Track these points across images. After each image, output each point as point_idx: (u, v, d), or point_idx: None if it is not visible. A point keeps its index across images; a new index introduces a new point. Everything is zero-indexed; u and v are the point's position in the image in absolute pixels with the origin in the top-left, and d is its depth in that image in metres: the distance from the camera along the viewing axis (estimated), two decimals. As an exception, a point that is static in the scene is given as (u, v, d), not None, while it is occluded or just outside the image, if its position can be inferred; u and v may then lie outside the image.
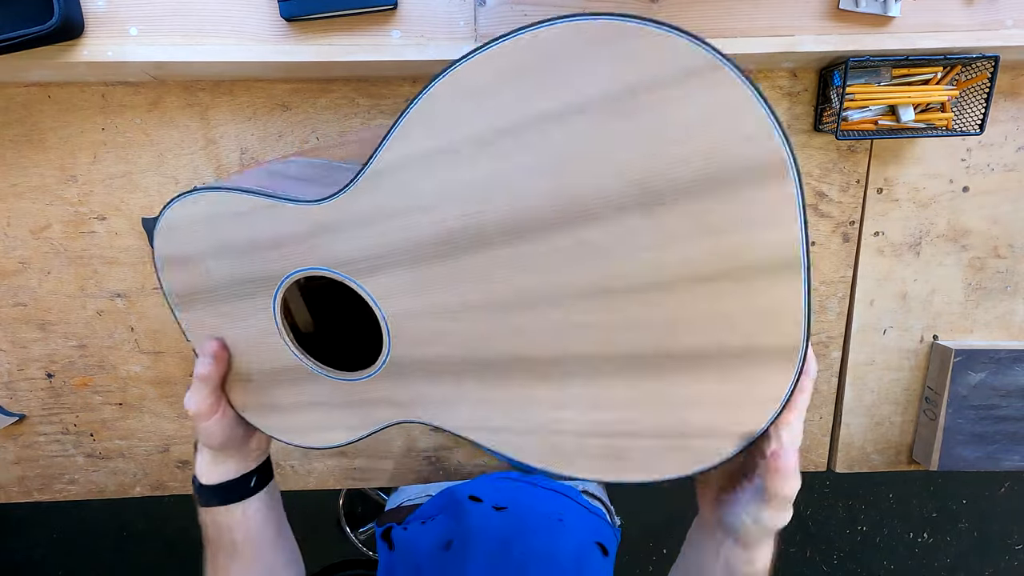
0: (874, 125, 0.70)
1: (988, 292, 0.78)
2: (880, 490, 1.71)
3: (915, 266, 0.77)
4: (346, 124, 0.72)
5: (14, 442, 0.81)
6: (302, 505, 1.64)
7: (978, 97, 0.68)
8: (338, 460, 0.84)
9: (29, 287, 0.75)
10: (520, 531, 0.68)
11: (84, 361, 0.78)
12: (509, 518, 0.70)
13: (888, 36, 0.64)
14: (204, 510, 0.52)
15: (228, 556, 0.51)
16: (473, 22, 0.63)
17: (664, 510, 1.68)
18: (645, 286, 0.31)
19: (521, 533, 0.67)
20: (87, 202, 0.73)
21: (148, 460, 0.83)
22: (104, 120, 0.70)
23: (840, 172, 0.74)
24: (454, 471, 0.85)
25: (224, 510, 0.51)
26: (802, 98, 0.72)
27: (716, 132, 0.28)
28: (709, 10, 0.63)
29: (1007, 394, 0.77)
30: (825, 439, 0.84)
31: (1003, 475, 1.70)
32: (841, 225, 0.76)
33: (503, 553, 0.64)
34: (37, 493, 0.84)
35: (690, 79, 0.27)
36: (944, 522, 1.73)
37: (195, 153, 0.72)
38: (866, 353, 0.80)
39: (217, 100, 0.71)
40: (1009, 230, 0.77)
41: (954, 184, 0.75)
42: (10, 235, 0.73)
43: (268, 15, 0.62)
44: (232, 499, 0.51)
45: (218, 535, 0.51)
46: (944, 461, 0.79)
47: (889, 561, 1.75)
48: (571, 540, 0.68)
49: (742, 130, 0.27)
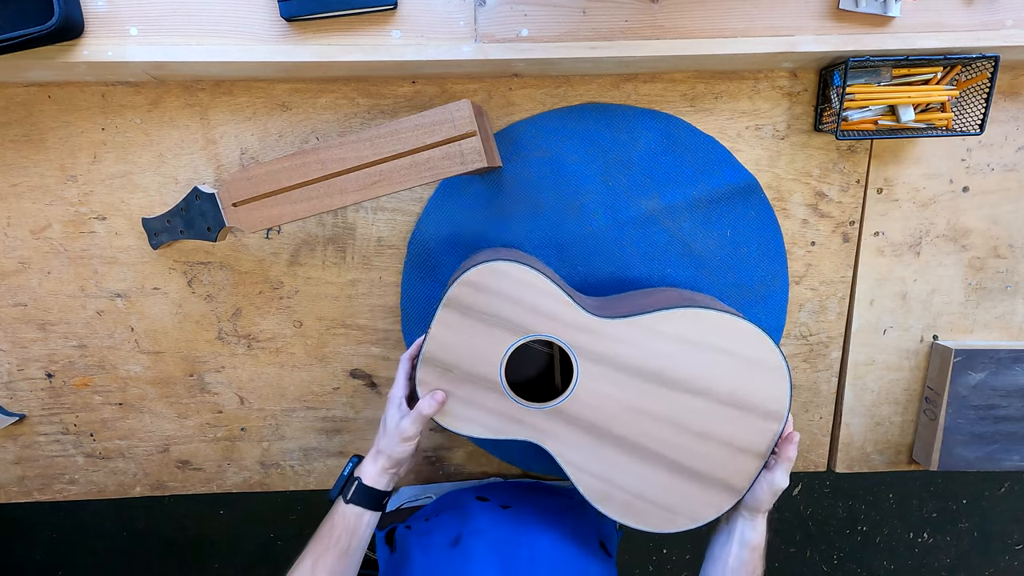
0: (874, 125, 0.70)
1: (988, 292, 0.78)
2: (880, 490, 1.71)
3: (915, 266, 0.77)
4: (346, 124, 0.72)
5: (14, 442, 0.81)
6: (302, 505, 1.64)
7: (978, 97, 0.68)
8: (338, 460, 0.84)
9: (29, 287, 0.75)
10: (527, 529, 0.68)
11: (84, 361, 0.78)
12: (516, 516, 0.71)
13: (888, 36, 0.64)
14: (347, 506, 0.60)
15: (339, 552, 0.59)
16: (473, 22, 0.63)
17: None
18: (704, 432, 0.61)
19: (528, 531, 0.68)
20: (87, 202, 0.73)
21: (148, 460, 0.83)
22: (104, 120, 0.71)
23: (840, 172, 0.74)
24: (454, 472, 0.85)
25: (359, 512, 0.60)
26: (802, 98, 0.72)
27: (768, 393, 0.60)
28: (709, 10, 0.63)
29: (1007, 394, 0.77)
30: (825, 439, 0.84)
31: (1003, 475, 1.70)
32: (841, 225, 0.76)
33: (511, 550, 0.65)
34: (37, 493, 0.84)
35: (768, 369, 0.60)
36: (944, 522, 1.73)
37: (195, 153, 0.72)
38: (866, 353, 0.80)
39: (217, 100, 0.71)
40: (1009, 230, 0.77)
41: (954, 184, 0.75)
42: (10, 235, 0.73)
43: (268, 15, 0.62)
44: (371, 507, 0.61)
45: (343, 531, 0.59)
46: (944, 461, 0.79)
47: (889, 561, 1.75)
48: (576, 540, 0.68)
49: (776, 405, 0.61)
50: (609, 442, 0.62)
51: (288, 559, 0.58)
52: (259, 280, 0.76)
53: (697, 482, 0.61)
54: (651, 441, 0.61)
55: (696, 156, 0.73)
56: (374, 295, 0.77)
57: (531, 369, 0.73)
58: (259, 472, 0.84)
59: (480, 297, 0.60)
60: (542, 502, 0.75)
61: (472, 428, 0.62)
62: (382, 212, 0.75)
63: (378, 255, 0.76)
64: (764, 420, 0.61)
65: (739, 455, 0.61)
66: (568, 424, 0.62)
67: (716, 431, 0.61)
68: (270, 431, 0.82)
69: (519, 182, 0.74)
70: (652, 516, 0.62)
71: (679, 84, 0.72)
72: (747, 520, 0.61)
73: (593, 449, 0.62)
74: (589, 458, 0.62)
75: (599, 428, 0.62)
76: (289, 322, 0.78)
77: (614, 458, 0.62)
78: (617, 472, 0.62)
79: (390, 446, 0.61)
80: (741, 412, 0.61)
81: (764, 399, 0.60)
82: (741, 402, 0.60)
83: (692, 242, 0.75)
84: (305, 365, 0.79)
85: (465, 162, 0.62)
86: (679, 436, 0.61)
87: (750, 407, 0.60)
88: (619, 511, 0.62)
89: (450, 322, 0.61)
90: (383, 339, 0.79)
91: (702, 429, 0.61)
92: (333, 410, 0.82)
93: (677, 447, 0.61)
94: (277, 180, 0.64)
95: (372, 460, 0.62)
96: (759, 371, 0.60)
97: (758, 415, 0.60)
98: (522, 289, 0.60)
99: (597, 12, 0.63)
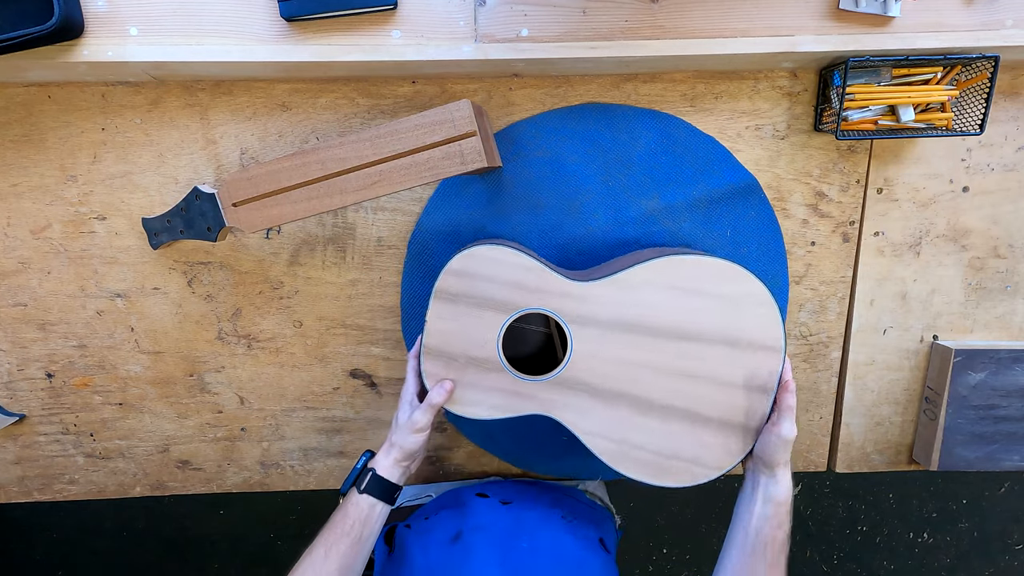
0: (874, 125, 0.70)
1: (988, 292, 0.78)
2: (880, 490, 1.71)
3: (915, 266, 0.77)
4: (346, 124, 0.72)
5: (14, 442, 0.81)
6: (302, 505, 1.64)
7: (978, 97, 0.68)
8: (338, 460, 0.84)
9: (29, 287, 0.75)
10: (526, 524, 0.69)
11: (84, 361, 0.78)
12: (515, 511, 0.71)
13: (888, 36, 0.64)
14: (361, 496, 0.62)
15: (352, 541, 0.60)
16: (473, 22, 0.63)
17: (664, 511, 1.69)
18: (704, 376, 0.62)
19: (527, 526, 0.68)
20: (87, 202, 0.73)
21: (148, 460, 0.83)
22: (104, 120, 0.71)
23: (840, 172, 0.74)
24: (454, 471, 0.85)
25: (372, 503, 0.62)
26: (802, 98, 0.72)
27: (758, 325, 0.61)
28: (709, 10, 0.63)
29: (1007, 394, 0.77)
30: (825, 439, 0.84)
31: (1003, 475, 1.70)
32: (841, 225, 0.76)
33: (511, 544, 0.65)
34: (37, 493, 0.84)
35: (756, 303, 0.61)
36: (944, 522, 1.73)
37: (195, 153, 0.72)
38: (866, 353, 0.80)
39: (217, 100, 0.71)
40: (1009, 230, 0.77)
41: (954, 184, 0.75)
42: (10, 235, 0.73)
43: (268, 15, 0.62)
44: (383, 498, 0.63)
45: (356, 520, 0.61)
46: (944, 461, 0.79)
47: (889, 561, 1.75)
48: (576, 535, 0.69)
49: (771, 338, 0.62)
50: (616, 402, 0.63)
51: (288, 559, 0.58)
52: (259, 280, 0.76)
53: (710, 428, 0.62)
54: (656, 393, 0.62)
55: (696, 156, 0.73)
56: (374, 295, 0.77)
57: (534, 351, 0.75)
58: (259, 472, 0.84)
59: (464, 283, 0.62)
60: (542, 498, 0.75)
61: (481, 411, 0.64)
62: (382, 212, 0.75)
63: (378, 255, 0.76)
64: (762, 354, 0.61)
65: (745, 394, 0.62)
66: (573, 391, 0.63)
67: (716, 373, 0.62)
68: (270, 431, 0.82)
69: (519, 182, 0.74)
70: (671, 471, 0.63)
71: (679, 84, 0.72)
72: (768, 476, 0.60)
73: (602, 411, 0.63)
74: (600, 422, 0.63)
75: (603, 389, 0.63)
76: (289, 322, 0.78)
77: (624, 417, 0.63)
78: (630, 431, 0.63)
79: (403, 438, 0.64)
80: (737, 350, 0.61)
81: (757, 333, 0.61)
82: (734, 340, 0.61)
83: (692, 242, 0.75)
84: (305, 365, 0.79)
85: (465, 162, 0.62)
86: (682, 384, 0.62)
87: (745, 343, 0.61)
88: (639, 470, 0.63)
89: (442, 313, 0.63)
90: (383, 339, 0.79)
91: (702, 373, 0.62)
92: (333, 410, 0.82)
93: (682, 395, 0.62)
94: (277, 180, 0.64)
95: (385, 453, 0.64)
96: (746, 306, 0.61)
97: (754, 350, 0.61)
98: (500, 268, 0.62)
99: (597, 12, 0.63)
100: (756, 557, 0.57)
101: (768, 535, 0.57)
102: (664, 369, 0.62)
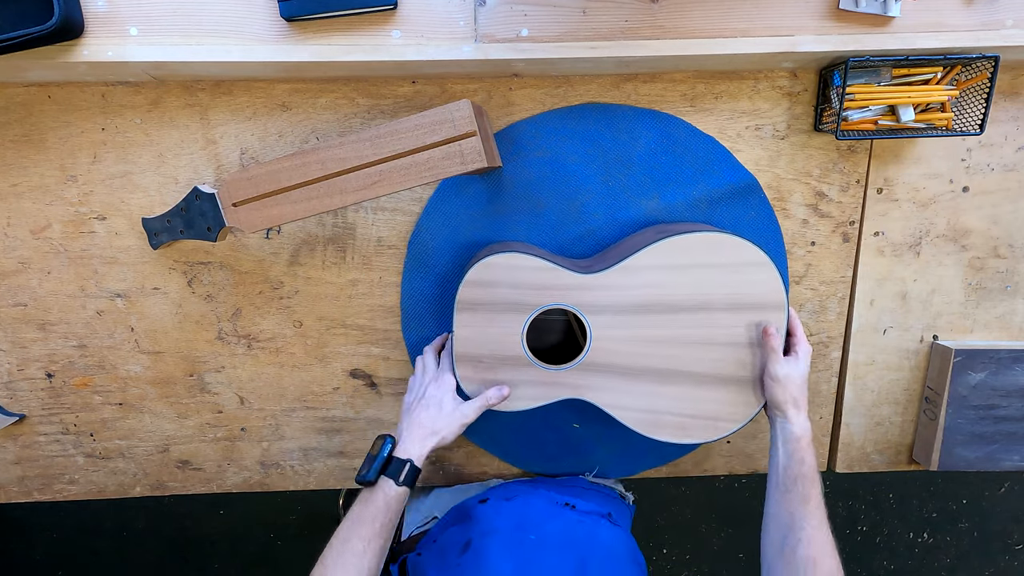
0: (874, 125, 0.70)
1: (988, 292, 0.78)
2: (880, 490, 1.71)
3: (915, 266, 0.77)
4: (346, 124, 0.72)
5: (14, 442, 0.81)
6: (302, 505, 1.64)
7: (978, 97, 0.68)
8: (338, 460, 0.84)
9: (29, 287, 0.75)
10: (532, 517, 0.69)
11: (84, 361, 0.78)
12: (519, 505, 0.71)
13: (888, 36, 0.64)
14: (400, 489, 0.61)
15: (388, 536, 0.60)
16: (473, 22, 0.63)
17: (664, 511, 1.69)
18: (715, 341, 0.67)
19: (533, 519, 0.69)
20: (87, 202, 0.73)
21: (148, 460, 0.83)
22: (104, 120, 0.71)
23: (840, 172, 0.74)
24: (454, 472, 0.85)
25: (406, 493, 0.62)
26: (802, 98, 0.72)
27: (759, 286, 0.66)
28: (709, 10, 0.63)
29: (1007, 394, 0.77)
30: (825, 439, 0.84)
31: (1003, 475, 1.70)
32: (841, 225, 0.76)
33: (519, 539, 0.65)
34: (37, 493, 0.84)
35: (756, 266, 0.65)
36: (944, 522, 1.73)
37: (195, 153, 0.72)
38: (866, 353, 0.80)
39: (217, 100, 0.71)
40: (1009, 230, 0.77)
41: (954, 184, 0.75)
42: (10, 235, 0.74)
43: (268, 15, 0.62)
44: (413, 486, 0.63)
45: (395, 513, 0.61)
46: (944, 461, 0.79)
47: (889, 561, 1.75)
48: (581, 516, 0.70)
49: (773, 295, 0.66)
50: (640, 377, 0.68)
51: (288, 559, 0.58)
52: (259, 280, 0.76)
53: (728, 387, 0.68)
54: (675, 363, 0.68)
55: (696, 156, 0.73)
56: (374, 295, 0.77)
57: (559, 338, 0.80)
58: (259, 472, 0.84)
59: (483, 292, 0.67)
60: (545, 490, 0.76)
61: (520, 403, 0.69)
62: (382, 212, 0.75)
63: (378, 255, 0.76)
64: (767, 313, 0.66)
65: (755, 351, 0.67)
66: (599, 373, 0.68)
67: (728, 336, 0.67)
68: (270, 431, 0.82)
69: (519, 182, 0.74)
70: (698, 429, 0.69)
71: (679, 84, 0.72)
72: (781, 418, 0.65)
73: (629, 387, 0.68)
74: (629, 397, 0.68)
75: (626, 368, 0.68)
76: (289, 322, 0.78)
77: (650, 389, 0.68)
78: (657, 400, 0.68)
79: (449, 427, 0.66)
80: (743, 312, 0.66)
81: (759, 293, 0.66)
82: (739, 303, 0.66)
83: (692, 242, 0.75)
84: (305, 365, 0.79)
85: (465, 162, 0.62)
86: (697, 351, 0.67)
87: (750, 305, 0.66)
88: (670, 433, 0.69)
89: (466, 321, 0.67)
90: (383, 339, 0.79)
91: (714, 339, 0.67)
92: (333, 410, 0.82)
93: (699, 361, 0.68)
94: (277, 180, 0.64)
95: (421, 441, 0.64)
96: (747, 272, 0.65)
97: (759, 309, 0.66)
98: (517, 273, 0.66)
99: (597, 12, 0.63)
100: (790, 495, 0.60)
101: (795, 471, 0.61)
102: (678, 340, 0.67)
